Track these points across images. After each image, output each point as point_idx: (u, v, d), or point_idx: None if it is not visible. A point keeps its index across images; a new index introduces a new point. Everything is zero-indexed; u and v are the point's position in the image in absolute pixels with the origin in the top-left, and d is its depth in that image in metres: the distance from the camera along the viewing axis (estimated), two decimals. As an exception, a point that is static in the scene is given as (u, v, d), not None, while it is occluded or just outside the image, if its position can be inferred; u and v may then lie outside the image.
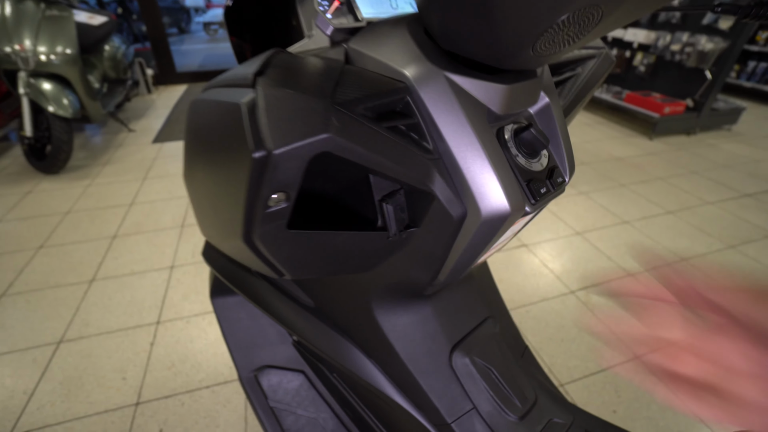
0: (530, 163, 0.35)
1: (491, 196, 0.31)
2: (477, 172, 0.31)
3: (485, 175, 0.31)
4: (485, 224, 0.32)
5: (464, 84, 0.31)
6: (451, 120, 0.30)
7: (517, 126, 0.35)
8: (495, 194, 0.31)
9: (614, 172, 2.52)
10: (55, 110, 2.17)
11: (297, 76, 0.25)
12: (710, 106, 2.99)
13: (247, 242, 0.25)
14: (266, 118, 0.21)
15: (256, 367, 0.61)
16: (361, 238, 0.31)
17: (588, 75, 0.46)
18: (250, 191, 0.22)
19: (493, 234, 0.34)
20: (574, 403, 0.51)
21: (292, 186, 0.22)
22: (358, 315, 0.47)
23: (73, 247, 1.78)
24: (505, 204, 0.31)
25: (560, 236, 1.89)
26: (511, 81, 0.32)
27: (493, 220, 0.32)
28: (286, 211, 0.24)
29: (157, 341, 1.32)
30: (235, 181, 0.22)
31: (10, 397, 1.14)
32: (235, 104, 0.23)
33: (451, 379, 0.47)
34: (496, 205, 0.31)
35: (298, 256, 0.30)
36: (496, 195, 0.31)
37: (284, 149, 0.20)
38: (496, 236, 0.34)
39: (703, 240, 1.87)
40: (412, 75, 0.29)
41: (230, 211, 0.24)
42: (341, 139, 0.22)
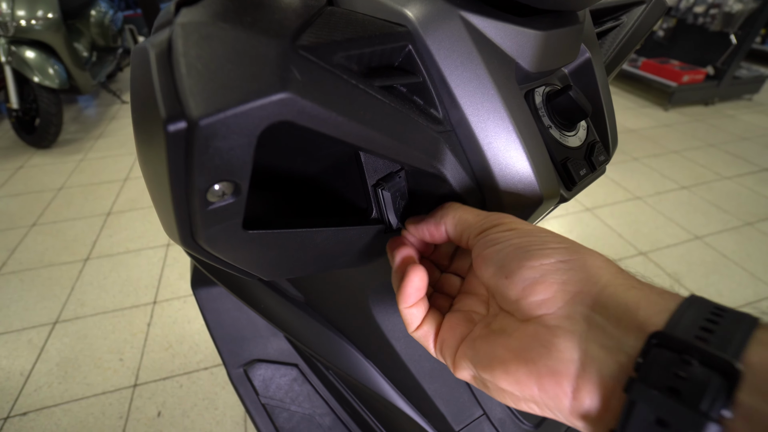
0: (566, 137, 0.28)
1: (519, 180, 0.24)
2: (501, 148, 0.23)
3: (512, 152, 0.24)
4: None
5: (487, 29, 0.23)
6: (469, 78, 0.22)
7: (551, 89, 0.28)
8: (524, 178, 0.24)
9: (627, 144, 2.40)
10: (41, 80, 2.07)
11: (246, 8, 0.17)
12: (732, 74, 2.82)
13: (189, 247, 0.19)
14: (185, 69, 0.14)
15: (246, 361, 0.56)
16: (350, 233, 0.24)
17: (635, 25, 0.37)
18: (175, 180, 0.15)
19: None
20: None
21: (239, 172, 0.15)
22: (354, 312, 0.41)
23: (66, 224, 1.73)
24: (536, 190, 0.24)
25: (569, 213, 1.82)
26: (547, 27, 0.24)
27: (518, 208, 0.25)
28: (236, 207, 0.17)
29: (154, 321, 1.29)
30: (159, 167, 0.15)
31: (6, 379, 1.12)
32: (142, 49, 0.15)
33: (458, 383, 0.41)
34: (523, 191, 0.24)
35: (267, 259, 0.23)
36: (525, 179, 0.24)
37: (216, 117, 0.13)
38: None
39: (718, 216, 1.79)
40: (417, 16, 0.22)
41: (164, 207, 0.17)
42: (307, 101, 0.15)
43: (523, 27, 0.24)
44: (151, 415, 1.03)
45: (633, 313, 0.16)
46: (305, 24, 0.19)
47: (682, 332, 0.14)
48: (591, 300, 0.17)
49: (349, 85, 0.18)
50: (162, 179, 0.16)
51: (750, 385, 0.13)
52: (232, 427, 1.01)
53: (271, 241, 0.21)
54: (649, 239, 1.65)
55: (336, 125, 0.17)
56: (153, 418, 1.03)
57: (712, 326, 0.14)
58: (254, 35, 0.16)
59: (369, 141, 0.19)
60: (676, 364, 0.14)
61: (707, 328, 0.14)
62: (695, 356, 0.13)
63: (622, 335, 0.16)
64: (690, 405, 0.13)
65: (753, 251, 1.59)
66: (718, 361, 0.13)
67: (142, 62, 0.15)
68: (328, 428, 0.55)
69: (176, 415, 1.03)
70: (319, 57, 0.17)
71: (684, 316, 0.15)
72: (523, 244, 0.19)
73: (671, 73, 2.80)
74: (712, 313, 0.15)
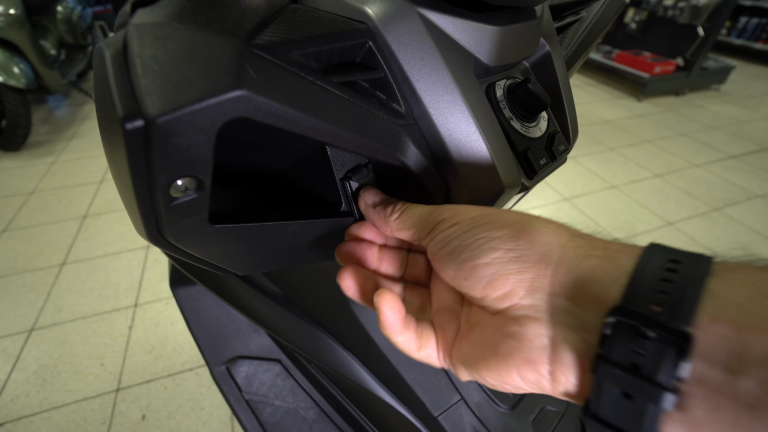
0: (527, 128, 0.29)
1: (480, 170, 0.25)
2: (462, 139, 0.24)
3: (473, 143, 0.25)
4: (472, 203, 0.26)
5: (445, 25, 0.24)
6: (429, 73, 0.23)
7: (512, 82, 0.29)
8: (485, 168, 0.25)
9: (603, 135, 2.47)
10: (6, 80, 1.98)
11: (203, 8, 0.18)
12: (700, 65, 2.92)
13: (157, 243, 0.19)
14: (140, 68, 0.14)
15: (228, 358, 0.57)
16: (320, 226, 0.25)
17: (594, 19, 0.39)
18: (136, 177, 0.15)
19: None
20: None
21: (200, 168, 0.16)
22: (332, 305, 0.42)
23: (40, 229, 1.68)
24: (498, 179, 0.26)
25: (549, 203, 1.86)
26: (505, 22, 0.25)
27: (481, 198, 0.26)
28: (200, 201, 0.17)
29: (136, 325, 1.27)
30: (120, 163, 0.16)
31: (-19, 389, 1.08)
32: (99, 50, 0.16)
33: (436, 371, 0.43)
34: (486, 181, 0.25)
35: (238, 253, 0.24)
36: (486, 169, 0.25)
37: (173, 115, 0.14)
38: None
39: (688, 203, 1.86)
40: (376, 13, 0.22)
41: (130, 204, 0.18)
42: (263, 98, 0.16)
43: (481, 23, 0.25)
44: (135, 419, 1.02)
45: (589, 288, 0.16)
46: (264, 23, 0.19)
47: (639, 299, 0.15)
48: (548, 283, 0.17)
49: (306, 82, 0.18)
50: (125, 176, 0.16)
51: (700, 351, 0.13)
52: (218, 426, 1.01)
53: (240, 235, 0.22)
54: (624, 226, 1.71)
55: (294, 121, 0.17)
56: (137, 422, 1.01)
57: (668, 286, 0.15)
58: (209, 35, 0.16)
59: (329, 135, 0.19)
60: (635, 340, 0.14)
61: (663, 291, 0.15)
62: (651, 328, 0.14)
63: (583, 312, 0.16)
64: (649, 379, 0.14)
65: (721, 235, 1.67)
66: (670, 331, 0.14)
67: (99, 62, 0.16)
68: (312, 421, 0.56)
69: (161, 417, 1.02)
70: (275, 55, 0.17)
71: (642, 279, 0.15)
72: (469, 241, 0.19)
73: (644, 64, 2.88)
74: (668, 269, 0.15)
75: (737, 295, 0.14)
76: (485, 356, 0.19)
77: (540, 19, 0.29)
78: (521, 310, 0.18)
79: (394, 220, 0.23)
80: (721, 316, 0.14)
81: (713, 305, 0.14)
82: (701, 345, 0.13)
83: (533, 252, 0.18)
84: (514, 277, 0.18)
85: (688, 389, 0.13)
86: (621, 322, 0.15)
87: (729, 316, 0.13)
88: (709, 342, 0.13)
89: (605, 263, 0.17)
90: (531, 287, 0.18)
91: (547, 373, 0.17)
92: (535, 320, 0.17)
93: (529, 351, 0.17)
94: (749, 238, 1.65)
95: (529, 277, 0.18)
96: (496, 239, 0.19)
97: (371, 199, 0.25)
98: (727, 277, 0.15)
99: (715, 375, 0.13)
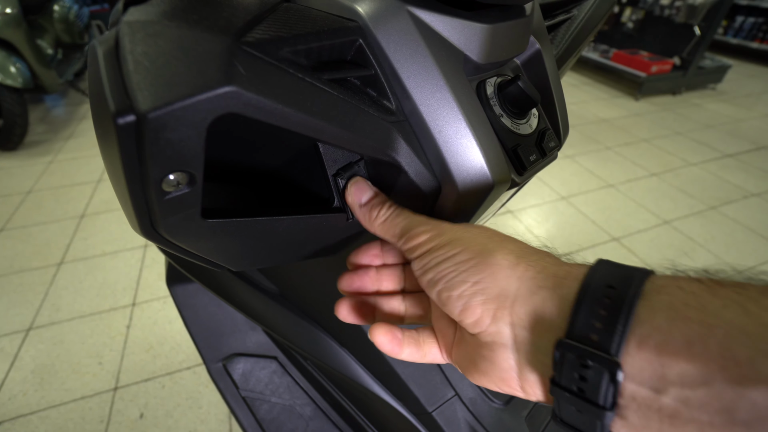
0: (517, 125, 0.29)
1: (470, 166, 0.25)
2: (452, 136, 0.25)
3: (462, 140, 0.25)
4: (463, 199, 0.27)
5: (435, 23, 0.24)
6: (419, 70, 0.24)
7: (502, 79, 0.29)
8: (475, 164, 0.25)
9: (600, 134, 2.48)
10: (2, 79, 1.98)
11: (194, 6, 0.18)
12: (697, 65, 2.93)
13: (150, 238, 0.19)
14: (132, 65, 0.15)
15: (225, 356, 0.57)
16: (313, 222, 0.25)
17: (585, 18, 0.39)
18: (129, 172, 0.16)
19: (473, 210, 0.28)
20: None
21: (192, 163, 0.16)
22: (327, 302, 0.42)
23: (37, 228, 1.67)
24: (487, 175, 0.26)
25: (546, 201, 1.87)
26: (494, 20, 0.26)
27: (472, 194, 0.27)
28: (192, 196, 0.18)
29: (134, 324, 1.27)
30: (113, 158, 0.16)
31: (-22, 389, 1.09)
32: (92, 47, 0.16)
33: (430, 366, 0.43)
34: (476, 176, 0.26)
35: (232, 248, 0.24)
36: (476, 165, 0.25)
37: (164, 110, 0.14)
38: (478, 212, 0.29)
39: (685, 201, 1.87)
40: (366, 11, 0.23)
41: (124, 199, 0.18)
42: (252, 94, 0.16)
43: (470, 21, 0.25)
44: (133, 417, 1.02)
45: (541, 321, 0.19)
46: (254, 21, 0.19)
47: (580, 330, 0.17)
48: (508, 314, 0.20)
49: (295, 78, 0.19)
50: (119, 172, 0.16)
51: (630, 374, 0.16)
52: (216, 425, 1.01)
53: (232, 230, 0.22)
54: (621, 225, 1.72)
55: (283, 116, 0.18)
56: (135, 420, 1.02)
57: (603, 315, 0.17)
58: (199, 32, 0.16)
59: (319, 131, 0.19)
60: (578, 367, 0.17)
61: (599, 320, 0.17)
62: (590, 358, 0.16)
63: (539, 340, 0.19)
64: (592, 402, 0.17)
65: (717, 233, 1.68)
66: (603, 362, 0.16)
67: (92, 59, 0.16)
68: (308, 418, 0.56)
69: (159, 415, 1.03)
70: (265, 52, 0.18)
71: (580, 311, 0.17)
72: (442, 274, 0.22)
73: (640, 63, 2.89)
74: (605, 296, 0.17)
75: (659, 319, 0.16)
76: (470, 368, 0.23)
77: (530, 17, 0.29)
78: (490, 336, 0.21)
79: (379, 224, 0.25)
80: (645, 342, 0.16)
81: (639, 332, 0.16)
82: (630, 369, 0.16)
83: (494, 286, 0.20)
84: (481, 307, 0.20)
85: (625, 403, 0.16)
86: (565, 353, 0.17)
87: (651, 341, 0.16)
88: (636, 366, 0.16)
89: (553, 296, 0.19)
90: (495, 317, 0.20)
91: (519, 387, 0.20)
92: (502, 346, 0.20)
93: (501, 371, 0.21)
94: (745, 237, 1.66)
95: (492, 308, 0.20)
96: (464, 273, 0.21)
97: (358, 196, 0.26)
98: (653, 301, 0.17)
99: (643, 393, 0.16)
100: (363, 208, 0.26)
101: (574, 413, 0.18)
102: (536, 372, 0.19)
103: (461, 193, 0.26)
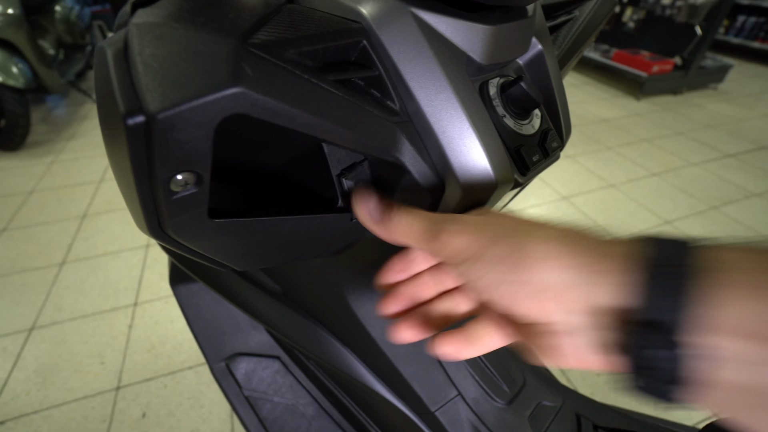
0: (520, 126, 0.29)
1: (473, 166, 0.26)
2: (455, 136, 0.25)
3: (465, 140, 0.25)
4: (466, 199, 0.27)
5: (438, 24, 0.24)
6: (422, 71, 0.24)
7: (505, 80, 0.29)
8: (478, 164, 0.26)
9: (601, 134, 2.48)
10: (4, 80, 1.98)
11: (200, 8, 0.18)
12: (698, 64, 2.93)
13: (158, 237, 0.20)
14: (141, 66, 0.15)
15: (227, 355, 0.57)
16: (317, 222, 0.26)
17: (587, 18, 0.39)
18: (137, 171, 0.16)
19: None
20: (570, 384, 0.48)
21: (200, 163, 0.16)
22: (330, 301, 0.43)
23: (39, 228, 1.68)
24: (491, 175, 0.26)
25: (547, 201, 1.87)
26: (497, 21, 0.26)
27: (475, 194, 0.27)
28: (200, 196, 0.18)
29: (136, 323, 1.27)
30: (121, 158, 0.16)
31: (-19, 388, 1.09)
32: (100, 49, 0.16)
33: (433, 366, 0.43)
34: (479, 177, 0.26)
35: (237, 248, 0.24)
36: (479, 165, 0.26)
37: (173, 111, 0.14)
38: None
39: (686, 202, 1.87)
40: (370, 12, 0.23)
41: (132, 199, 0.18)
42: (258, 95, 0.16)
43: (473, 22, 0.25)
44: (135, 417, 1.02)
45: (596, 305, 0.18)
46: (260, 22, 0.19)
47: (644, 311, 0.17)
48: (560, 304, 0.19)
49: (301, 79, 0.19)
50: (126, 172, 0.17)
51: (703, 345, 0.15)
52: (218, 424, 1.01)
53: (238, 230, 0.22)
54: (622, 225, 1.72)
55: (290, 117, 0.18)
56: (137, 420, 1.02)
57: (667, 291, 0.16)
58: (206, 34, 0.17)
59: (324, 132, 0.20)
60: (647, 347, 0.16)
61: (662, 296, 0.16)
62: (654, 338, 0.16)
63: (599, 323, 0.18)
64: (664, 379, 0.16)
65: (717, 233, 1.67)
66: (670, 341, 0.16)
67: (101, 61, 0.16)
68: (311, 417, 0.57)
69: (161, 415, 1.03)
70: (271, 53, 0.18)
71: (648, 288, 0.17)
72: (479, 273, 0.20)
73: (642, 63, 2.89)
74: (664, 273, 0.17)
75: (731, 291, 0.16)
76: (534, 353, 0.22)
77: (532, 18, 0.29)
78: (545, 327, 0.20)
79: (397, 231, 0.24)
80: (718, 318, 0.15)
81: (707, 307, 0.16)
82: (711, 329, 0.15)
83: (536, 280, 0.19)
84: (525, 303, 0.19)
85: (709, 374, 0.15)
86: (632, 335, 0.17)
87: (728, 319, 0.15)
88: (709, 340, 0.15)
89: (603, 279, 0.18)
90: (545, 309, 0.19)
91: (586, 364, 0.20)
92: (562, 334, 0.19)
93: (566, 356, 0.20)
94: (746, 236, 1.66)
95: (539, 302, 0.19)
96: (501, 271, 0.20)
97: (366, 203, 0.25)
98: (719, 273, 0.16)
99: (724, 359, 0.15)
100: (372, 213, 0.25)
101: (648, 384, 0.17)
102: (603, 352, 0.18)
103: (465, 194, 0.27)
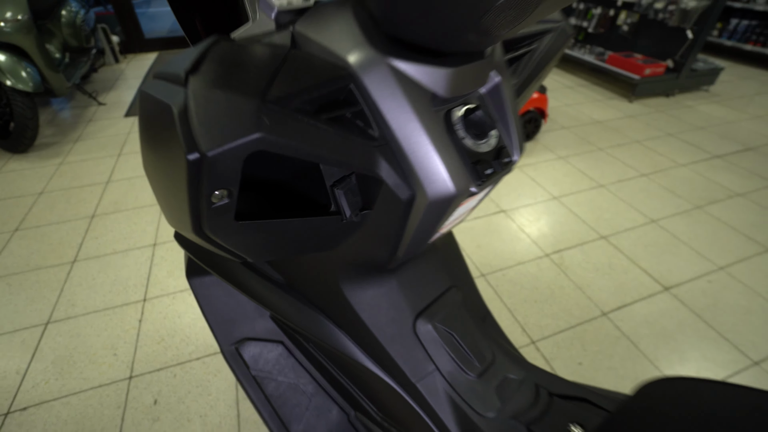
0: (477, 145, 0.37)
1: (436, 179, 0.33)
2: (422, 156, 0.32)
3: (429, 159, 0.32)
4: (432, 205, 0.34)
5: (408, 70, 0.31)
6: (395, 107, 0.31)
7: (467, 107, 0.36)
8: (440, 177, 0.33)
9: (593, 135, 2.55)
10: (14, 84, 2.05)
11: (232, 71, 0.26)
12: (690, 67, 3.00)
13: (198, 235, 0.27)
14: (197, 120, 0.22)
15: (237, 340, 0.64)
16: (315, 222, 0.33)
17: (544, 50, 0.46)
18: (191, 190, 0.23)
19: (441, 214, 0.36)
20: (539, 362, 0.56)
21: (232, 183, 0.24)
22: (326, 290, 0.50)
23: (50, 228, 1.75)
24: (450, 186, 0.33)
25: (538, 201, 1.94)
26: (456, 64, 0.33)
27: (439, 201, 0.34)
28: (230, 206, 0.25)
29: (145, 318, 1.34)
30: (177, 179, 0.23)
31: (3, 377, 1.16)
32: (167, 106, 0.23)
33: (415, 345, 0.50)
34: (441, 187, 0.33)
35: (253, 243, 0.31)
36: (440, 178, 0.33)
37: (218, 150, 0.22)
38: (446, 216, 0.37)
39: (672, 201, 1.94)
40: (355, 62, 0.30)
41: (180, 206, 0.25)
42: (273, 136, 0.24)
43: (436, 66, 0.32)
44: (147, 403, 1.10)
45: None
46: (273, 75, 0.27)
47: None
48: None
49: (303, 122, 0.26)
50: (178, 190, 0.24)
51: None
52: (225, 409, 1.09)
53: (256, 229, 0.29)
54: (610, 224, 1.79)
55: (296, 149, 0.25)
56: (150, 406, 1.09)
57: None
58: (237, 96, 0.24)
59: (321, 157, 0.27)
60: None
61: None
62: None
63: None
64: None
65: (701, 232, 1.75)
66: None
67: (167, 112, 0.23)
68: (311, 394, 0.64)
69: (172, 402, 1.10)
70: (282, 105, 0.25)
71: None
72: None
73: (634, 66, 2.96)
74: None
75: None
76: None
77: (489, 57, 0.37)
78: None
79: None
80: None
81: None
82: None
83: None
84: None
85: None
86: None
87: None
88: None
89: None
90: None
91: None
92: None
93: None
94: (727, 235, 1.73)
95: None
96: None
97: None
98: None
99: None
100: None
101: None
102: None
103: (430, 201, 0.34)
